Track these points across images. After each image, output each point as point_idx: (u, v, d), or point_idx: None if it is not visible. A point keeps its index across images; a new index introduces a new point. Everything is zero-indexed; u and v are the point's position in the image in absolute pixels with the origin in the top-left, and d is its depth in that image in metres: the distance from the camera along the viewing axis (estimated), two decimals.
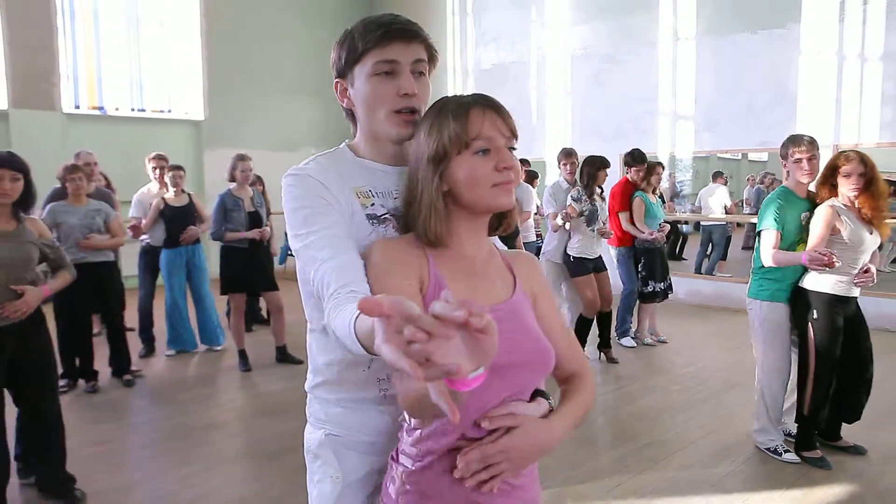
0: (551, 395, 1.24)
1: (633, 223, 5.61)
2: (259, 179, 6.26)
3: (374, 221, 1.26)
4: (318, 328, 1.32)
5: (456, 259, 1.20)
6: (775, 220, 3.33)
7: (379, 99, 1.24)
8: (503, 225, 1.28)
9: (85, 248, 4.47)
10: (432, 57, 1.28)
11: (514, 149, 1.19)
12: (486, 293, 1.19)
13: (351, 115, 1.35)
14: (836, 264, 3.06)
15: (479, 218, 1.21)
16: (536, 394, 1.21)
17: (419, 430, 1.16)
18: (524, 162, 7.74)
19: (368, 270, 1.15)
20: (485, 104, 1.16)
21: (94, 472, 3.43)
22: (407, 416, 1.17)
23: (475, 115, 1.15)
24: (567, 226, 5.10)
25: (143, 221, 5.53)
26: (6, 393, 2.95)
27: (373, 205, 1.27)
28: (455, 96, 1.20)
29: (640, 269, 5.70)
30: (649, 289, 5.69)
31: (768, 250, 3.33)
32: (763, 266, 3.45)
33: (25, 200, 2.94)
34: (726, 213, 8.15)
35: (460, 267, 1.20)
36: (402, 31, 1.22)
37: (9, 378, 2.95)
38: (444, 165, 1.15)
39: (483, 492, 1.12)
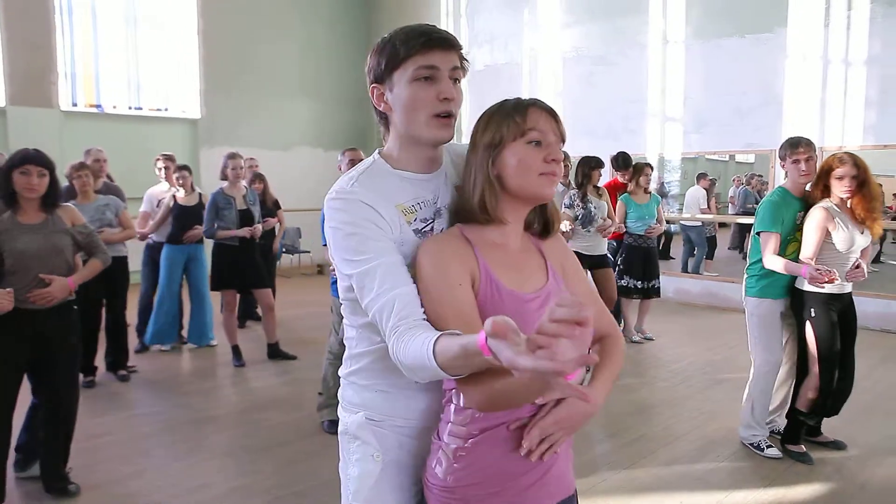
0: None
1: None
2: (260, 178, 6.27)
3: (420, 235, 1.31)
4: (352, 314, 1.38)
5: (498, 247, 1.28)
6: (775, 222, 3.35)
7: (419, 102, 1.27)
8: (548, 226, 1.36)
9: None
10: (464, 67, 1.34)
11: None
12: (527, 280, 1.28)
13: (384, 120, 1.37)
14: (837, 280, 3.09)
15: (521, 205, 1.29)
16: None
17: (471, 410, 1.22)
18: None
19: (420, 274, 1.22)
20: (542, 107, 1.27)
21: (92, 463, 3.44)
22: (456, 399, 1.25)
23: (534, 111, 1.25)
24: (563, 226, 5.09)
25: (151, 222, 5.55)
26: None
27: (416, 220, 1.32)
28: (514, 98, 1.31)
29: (618, 263, 5.71)
30: (624, 282, 5.69)
31: (770, 254, 3.35)
32: (755, 264, 3.49)
33: (51, 195, 3.00)
34: (701, 213, 8.18)
35: (502, 255, 1.28)
36: (443, 41, 1.28)
37: (32, 367, 3.01)
38: (498, 150, 1.25)
39: (544, 459, 1.24)
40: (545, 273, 1.33)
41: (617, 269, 5.69)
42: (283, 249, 9.40)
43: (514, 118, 1.24)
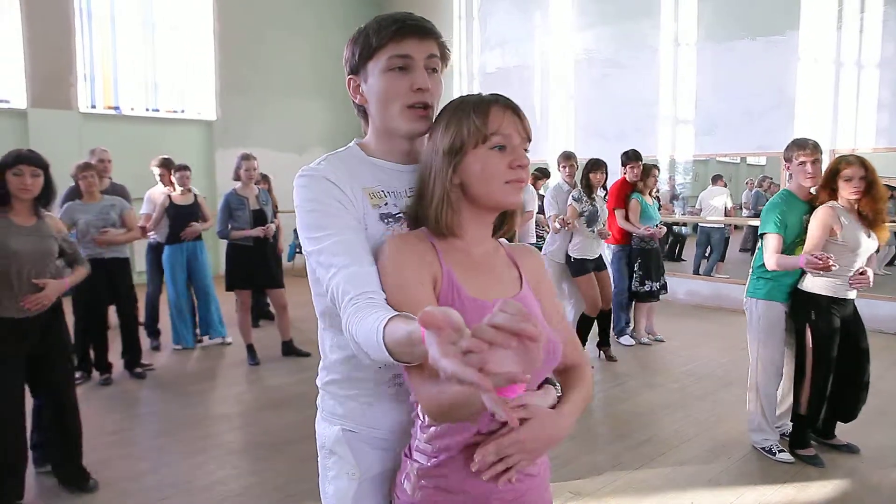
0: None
1: (628, 220, 5.61)
2: (264, 178, 6.28)
3: (389, 220, 1.24)
4: (329, 326, 1.31)
5: (464, 253, 1.20)
6: (776, 223, 3.31)
7: (392, 93, 1.22)
8: (505, 227, 1.27)
9: (102, 244, 4.50)
10: (444, 55, 1.27)
11: (526, 150, 1.19)
12: (494, 288, 1.19)
13: (363, 112, 1.32)
14: (833, 267, 3.03)
15: (486, 213, 1.21)
16: (543, 381, 1.21)
17: (434, 427, 1.15)
18: (539, 170, 7.79)
19: (381, 270, 1.14)
20: (505, 104, 1.17)
21: (108, 459, 3.46)
22: (421, 415, 1.16)
23: (496, 111, 1.15)
24: (567, 227, 5.08)
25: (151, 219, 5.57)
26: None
27: (385, 204, 1.25)
28: (475, 94, 1.20)
29: (636, 269, 5.69)
30: (646, 288, 5.67)
31: (771, 254, 3.31)
32: (762, 266, 3.45)
33: (45, 196, 2.98)
34: (726, 215, 8.13)
35: (468, 261, 1.19)
36: (417, 28, 1.22)
37: (30, 367, 2.99)
38: (460, 158, 1.15)
39: (499, 484, 1.12)
40: (518, 283, 1.24)
41: (637, 276, 5.67)
42: (297, 249, 9.42)
43: (474, 121, 1.14)
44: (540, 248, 7.64)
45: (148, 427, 4.11)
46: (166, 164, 5.80)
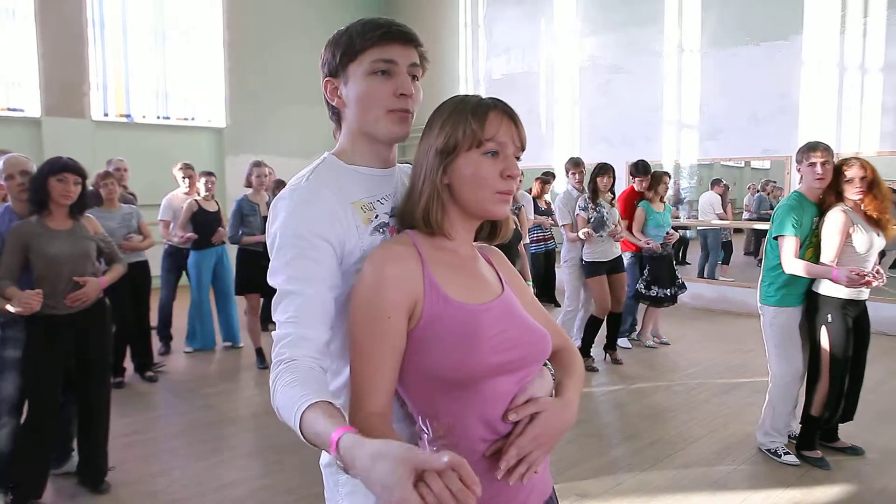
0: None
1: (631, 231, 5.59)
2: (280, 184, 6.31)
3: (382, 228, 1.22)
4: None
5: (451, 254, 1.17)
6: (794, 226, 3.29)
7: (375, 98, 1.19)
8: (499, 233, 1.25)
9: (127, 250, 4.54)
10: (424, 65, 1.25)
11: (518, 158, 1.16)
12: (480, 290, 1.17)
13: (336, 116, 1.28)
14: (874, 283, 3.03)
15: (472, 219, 1.19)
16: None
17: (440, 440, 1.12)
18: (547, 174, 7.80)
19: (358, 289, 1.11)
20: (504, 110, 1.14)
21: (119, 461, 3.47)
22: (426, 428, 1.14)
23: (494, 117, 1.12)
24: (588, 238, 5.08)
25: (173, 224, 5.58)
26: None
27: (376, 217, 1.21)
28: (474, 95, 1.17)
29: (644, 275, 5.67)
30: (652, 293, 5.66)
31: (790, 258, 3.28)
32: (773, 271, 3.42)
33: (82, 202, 3.07)
34: (718, 218, 8.11)
35: (453, 265, 1.17)
36: (402, 34, 1.20)
37: (70, 368, 3.08)
38: (451, 159, 1.12)
39: (524, 482, 1.10)
40: (498, 283, 1.22)
41: (645, 281, 5.65)
42: None
43: (471, 124, 1.11)
44: (544, 252, 7.66)
45: (161, 429, 4.13)
46: (190, 168, 5.86)
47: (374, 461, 0.82)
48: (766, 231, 3.61)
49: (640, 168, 5.63)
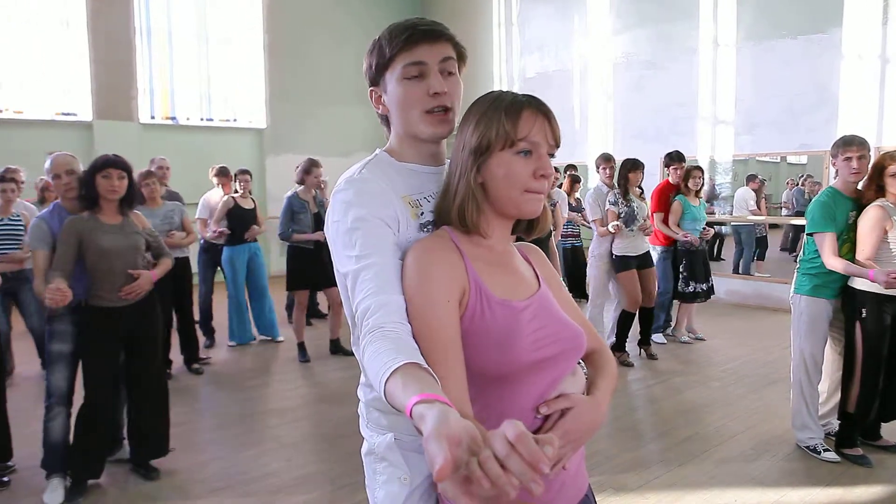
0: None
1: (667, 224, 5.51)
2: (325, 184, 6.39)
3: (428, 227, 1.21)
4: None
5: (488, 251, 1.16)
6: (827, 222, 3.21)
7: (411, 101, 1.19)
8: (536, 227, 1.23)
9: (170, 246, 4.64)
10: (461, 55, 1.23)
11: (552, 155, 1.14)
12: (517, 286, 1.16)
13: (386, 121, 1.29)
14: None
15: (506, 217, 1.17)
16: None
17: None
18: (570, 167, 7.70)
19: (405, 283, 1.09)
20: (538, 108, 1.12)
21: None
22: None
23: (527, 115, 1.10)
24: (617, 232, 5.03)
25: (210, 221, 5.69)
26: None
27: (422, 214, 1.21)
28: (509, 92, 1.15)
29: (681, 270, 5.58)
30: (690, 289, 5.57)
31: (829, 254, 3.19)
32: (809, 262, 3.34)
33: (130, 197, 3.13)
34: (752, 214, 7.92)
35: (492, 261, 1.15)
36: (427, 32, 1.18)
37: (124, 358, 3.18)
38: (485, 158, 1.11)
39: (551, 476, 1.09)
40: (535, 280, 1.21)
41: (682, 276, 5.56)
42: None
43: (504, 124, 1.08)
44: (571, 248, 7.58)
45: (206, 420, 4.22)
46: (223, 173, 5.98)
47: (427, 439, 0.78)
48: (803, 227, 3.53)
49: (673, 157, 5.55)
